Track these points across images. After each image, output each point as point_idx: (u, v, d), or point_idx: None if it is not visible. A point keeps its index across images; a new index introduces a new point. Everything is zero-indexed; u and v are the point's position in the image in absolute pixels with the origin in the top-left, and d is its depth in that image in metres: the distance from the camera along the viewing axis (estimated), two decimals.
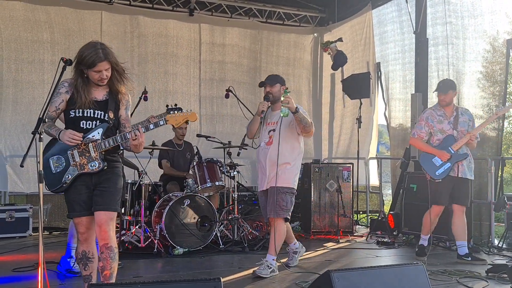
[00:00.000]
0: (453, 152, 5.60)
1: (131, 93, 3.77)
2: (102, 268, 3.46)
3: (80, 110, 3.52)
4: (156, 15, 9.04)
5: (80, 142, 3.45)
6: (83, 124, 3.53)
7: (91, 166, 3.51)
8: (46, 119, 3.41)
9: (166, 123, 3.62)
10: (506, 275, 4.74)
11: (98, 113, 3.56)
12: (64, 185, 3.51)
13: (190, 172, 6.95)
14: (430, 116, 5.84)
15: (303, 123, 4.96)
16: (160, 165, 7.30)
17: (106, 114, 3.56)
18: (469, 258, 5.64)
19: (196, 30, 9.39)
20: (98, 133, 3.52)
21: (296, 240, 5.62)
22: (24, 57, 8.09)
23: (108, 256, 3.45)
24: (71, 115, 3.54)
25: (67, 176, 3.50)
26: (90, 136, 3.50)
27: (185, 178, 6.68)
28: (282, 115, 4.92)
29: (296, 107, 4.89)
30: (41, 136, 3.22)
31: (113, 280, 3.49)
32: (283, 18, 10.13)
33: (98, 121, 3.56)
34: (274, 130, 5.13)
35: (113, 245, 3.49)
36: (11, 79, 8.02)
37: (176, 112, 3.62)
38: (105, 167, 3.52)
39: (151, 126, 3.57)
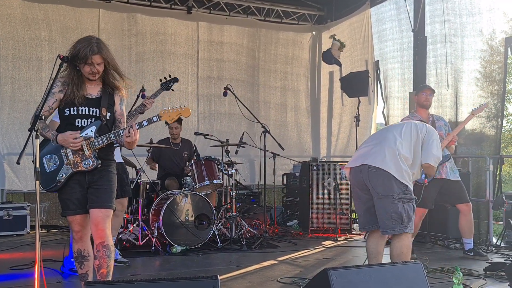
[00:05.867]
0: None
1: (129, 90, 3.74)
2: (98, 266, 3.43)
3: (75, 108, 3.48)
4: (154, 13, 9.02)
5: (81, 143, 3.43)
6: (78, 122, 3.49)
7: (84, 164, 3.47)
8: (43, 116, 3.38)
9: (159, 119, 3.58)
10: (504, 273, 4.73)
11: (92, 110, 3.51)
12: (58, 184, 3.48)
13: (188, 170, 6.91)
14: None
15: None
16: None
17: (100, 111, 3.53)
18: (471, 254, 5.79)
19: (194, 28, 9.37)
20: (92, 130, 3.47)
21: None
22: (22, 55, 8.08)
23: (105, 254, 3.43)
24: (66, 113, 3.50)
25: (61, 175, 3.47)
26: (83, 134, 3.46)
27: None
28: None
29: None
30: (38, 134, 3.19)
31: (109, 278, 3.47)
32: (282, 16, 10.11)
33: (93, 119, 3.51)
34: None
35: (110, 243, 3.46)
36: (8, 77, 8.01)
37: (169, 108, 3.61)
38: (99, 165, 3.49)
39: (145, 123, 3.54)
